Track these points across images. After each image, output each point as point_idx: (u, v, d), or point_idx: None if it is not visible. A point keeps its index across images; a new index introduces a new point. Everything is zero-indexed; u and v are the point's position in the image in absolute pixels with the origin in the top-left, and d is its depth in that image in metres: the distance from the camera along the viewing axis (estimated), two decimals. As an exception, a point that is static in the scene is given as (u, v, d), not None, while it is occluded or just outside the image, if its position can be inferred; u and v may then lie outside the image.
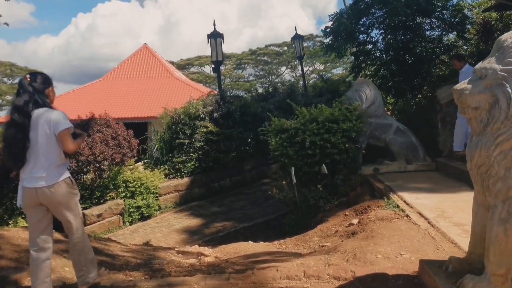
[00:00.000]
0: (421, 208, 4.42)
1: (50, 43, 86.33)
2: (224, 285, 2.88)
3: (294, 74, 39.22)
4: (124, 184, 8.97)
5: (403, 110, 10.31)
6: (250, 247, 5.04)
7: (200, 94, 12.35)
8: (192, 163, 10.35)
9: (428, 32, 10.91)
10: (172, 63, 31.53)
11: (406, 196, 5.01)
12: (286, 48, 37.65)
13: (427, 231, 3.72)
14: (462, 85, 2.26)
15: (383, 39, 11.15)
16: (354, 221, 4.84)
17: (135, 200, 8.95)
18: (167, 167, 10.36)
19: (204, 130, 10.49)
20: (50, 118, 2.74)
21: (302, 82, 20.65)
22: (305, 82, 16.85)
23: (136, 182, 9.04)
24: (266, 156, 8.69)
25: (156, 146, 10.65)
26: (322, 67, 37.00)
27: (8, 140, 2.76)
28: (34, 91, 2.77)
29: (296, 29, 14.87)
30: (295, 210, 6.73)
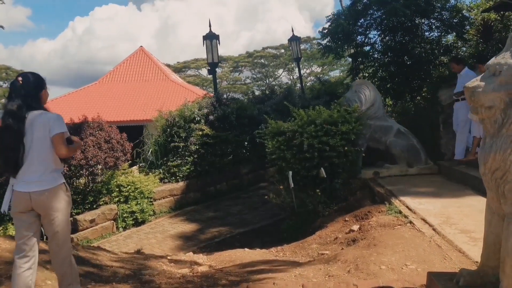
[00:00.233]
0: (425, 214, 4.22)
1: (47, 46, 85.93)
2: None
3: (291, 77, 39.12)
4: (117, 189, 8.77)
5: (403, 112, 10.14)
6: (246, 255, 4.83)
7: (196, 97, 12.14)
8: (188, 167, 10.14)
9: (427, 33, 10.79)
10: (168, 66, 31.32)
11: (408, 201, 4.81)
12: (283, 51, 37.54)
13: (432, 239, 3.52)
14: (475, 82, 2.06)
15: (381, 41, 11.02)
16: (354, 227, 4.65)
17: (129, 205, 8.75)
18: (162, 171, 10.16)
19: (200, 133, 10.30)
20: (47, 121, 2.65)
21: (299, 84, 20.49)
22: (302, 84, 16.67)
23: (130, 187, 8.83)
24: (263, 159, 8.49)
25: (151, 149, 10.42)
26: (319, 69, 36.95)
27: (2, 146, 2.67)
28: (27, 95, 2.67)
29: (293, 30, 14.72)
30: (293, 215, 6.54)
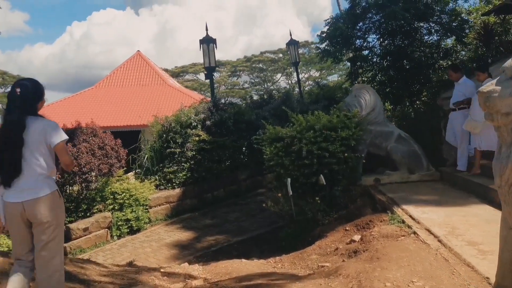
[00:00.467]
0: (429, 224, 4.04)
1: (44, 51, 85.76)
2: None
3: (290, 81, 39.04)
4: (112, 196, 8.56)
5: (403, 117, 9.99)
6: (243, 267, 4.63)
7: (193, 102, 11.96)
8: (184, 173, 9.94)
9: (426, 37, 10.67)
10: (166, 70, 31.19)
11: (411, 209, 4.63)
12: (281, 55, 37.49)
13: (438, 252, 3.34)
14: (490, 86, 1.89)
15: (380, 44, 10.90)
16: (355, 237, 4.46)
17: (124, 213, 8.54)
18: (157, 177, 9.95)
19: (196, 138, 10.11)
20: (42, 128, 2.58)
21: (297, 89, 20.33)
22: (300, 88, 16.51)
23: (124, 194, 8.63)
24: (261, 165, 8.31)
25: (146, 155, 10.22)
26: (317, 74, 36.86)
27: (2, 157, 2.57)
28: (25, 106, 2.58)
29: (291, 34, 14.56)
30: (292, 223, 6.34)
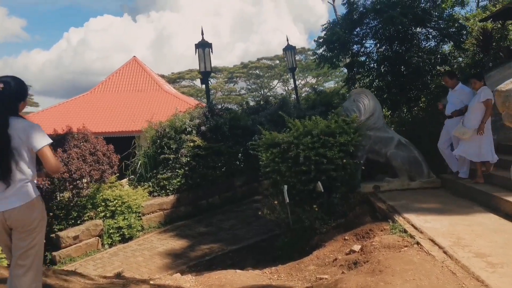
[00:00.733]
0: (432, 234, 3.85)
1: (41, 57, 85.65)
2: None
3: (286, 88, 39.05)
4: (103, 203, 8.33)
5: (401, 122, 9.85)
6: (237, 278, 4.41)
7: (188, 107, 11.76)
8: (178, 179, 9.72)
9: (424, 42, 10.59)
10: (163, 76, 31.05)
11: (413, 218, 4.44)
12: (278, 62, 37.55)
13: (444, 264, 3.14)
14: (509, 85, 1.72)
15: (377, 50, 10.80)
16: (355, 247, 4.26)
17: (116, 220, 8.31)
18: (151, 184, 9.72)
19: (191, 144, 9.90)
20: (22, 129, 2.43)
21: (294, 95, 20.23)
22: (297, 94, 16.37)
23: (116, 201, 8.39)
24: (257, 172, 8.11)
25: (140, 161, 9.99)
26: (314, 80, 36.88)
27: None
28: (7, 103, 2.46)
29: (288, 40, 14.45)
30: (288, 232, 6.12)
